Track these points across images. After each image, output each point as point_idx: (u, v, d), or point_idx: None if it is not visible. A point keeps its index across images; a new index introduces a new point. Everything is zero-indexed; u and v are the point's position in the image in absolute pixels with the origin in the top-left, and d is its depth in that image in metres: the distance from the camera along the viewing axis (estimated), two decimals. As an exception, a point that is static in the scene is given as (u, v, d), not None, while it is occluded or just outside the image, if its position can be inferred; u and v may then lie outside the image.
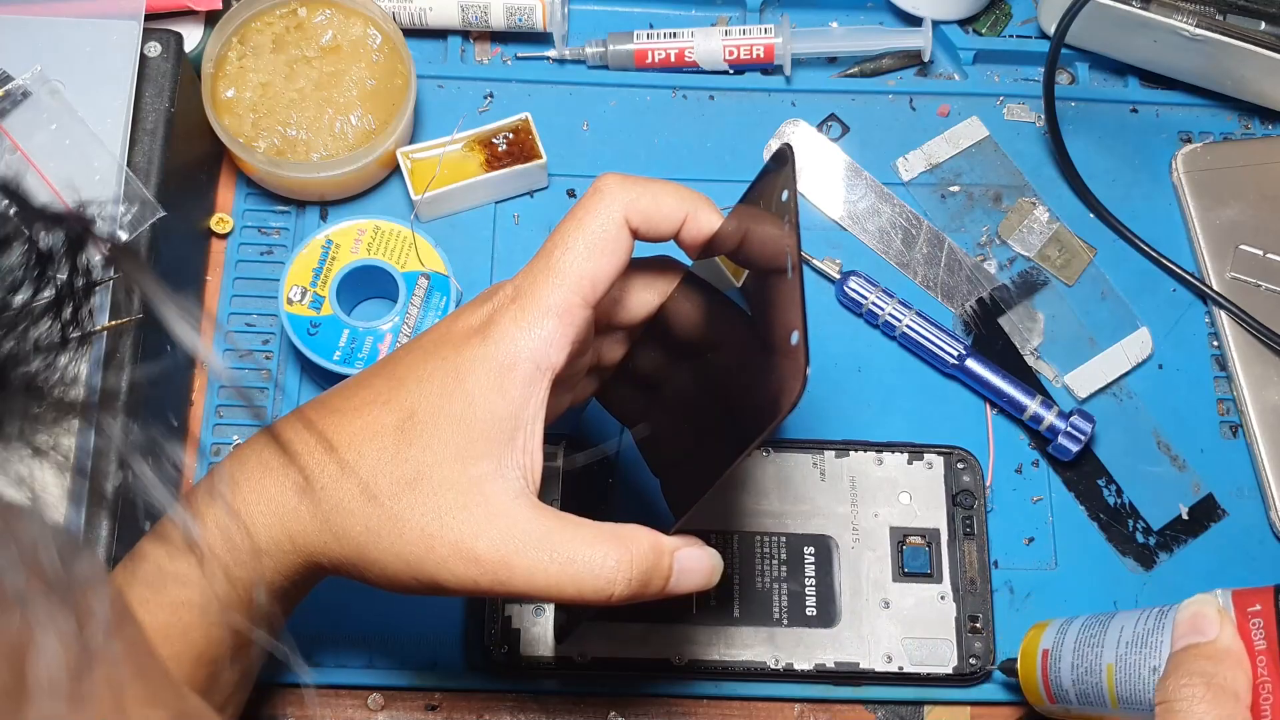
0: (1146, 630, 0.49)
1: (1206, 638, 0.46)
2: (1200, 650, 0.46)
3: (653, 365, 0.52)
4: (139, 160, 0.59)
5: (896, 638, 0.59)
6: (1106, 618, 0.52)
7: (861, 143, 0.70)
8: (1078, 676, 0.51)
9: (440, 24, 0.70)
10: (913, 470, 0.62)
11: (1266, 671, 0.44)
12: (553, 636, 0.58)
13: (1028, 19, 0.74)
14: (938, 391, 0.65)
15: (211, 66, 0.64)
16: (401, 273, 0.62)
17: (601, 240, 0.46)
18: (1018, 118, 0.71)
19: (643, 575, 0.44)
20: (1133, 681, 0.49)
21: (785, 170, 0.45)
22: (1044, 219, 0.69)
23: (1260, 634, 0.45)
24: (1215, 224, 0.68)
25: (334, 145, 0.64)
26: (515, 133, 0.66)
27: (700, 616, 0.59)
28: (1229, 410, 0.66)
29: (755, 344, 0.45)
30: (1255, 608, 0.46)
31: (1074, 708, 0.53)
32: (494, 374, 0.45)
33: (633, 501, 0.52)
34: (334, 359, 0.61)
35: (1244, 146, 0.70)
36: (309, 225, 0.66)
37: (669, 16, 0.73)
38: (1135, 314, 0.67)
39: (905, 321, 0.65)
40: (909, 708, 0.60)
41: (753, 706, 0.59)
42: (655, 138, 0.69)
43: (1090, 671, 0.51)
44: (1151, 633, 0.48)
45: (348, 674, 0.58)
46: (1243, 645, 0.45)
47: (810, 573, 0.60)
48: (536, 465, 0.45)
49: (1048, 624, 0.55)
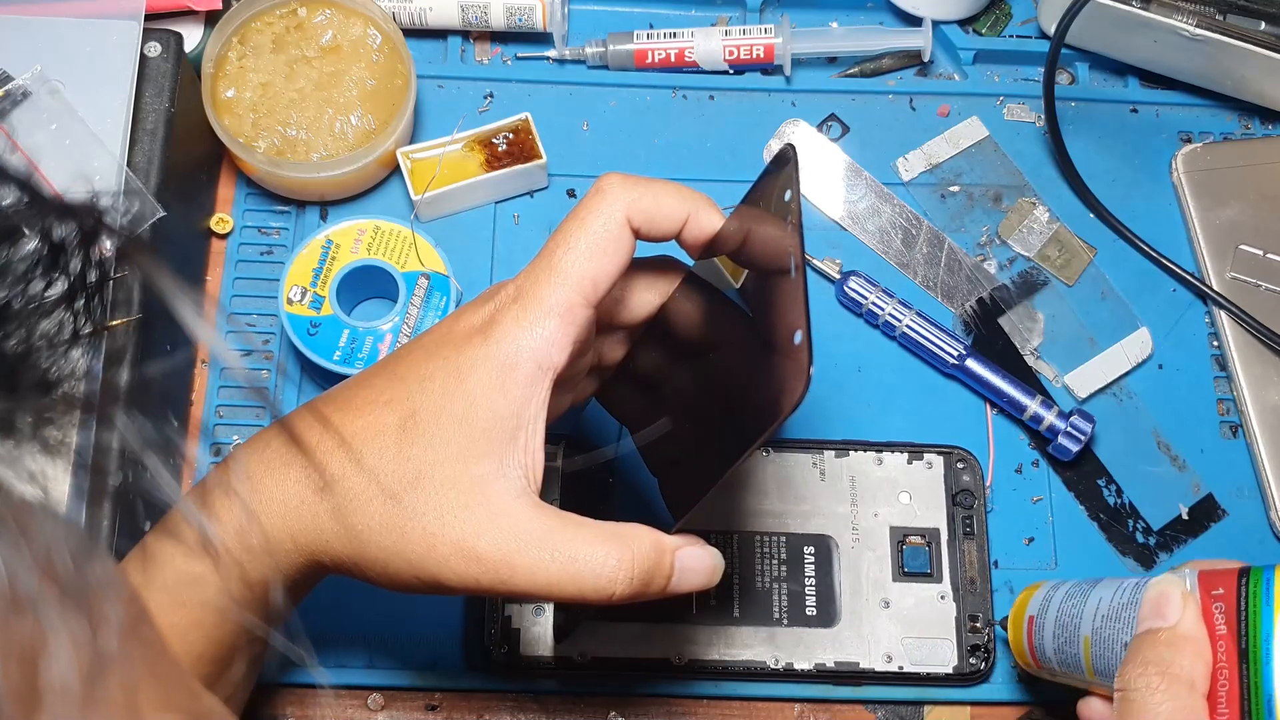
0: (1121, 605, 0.48)
1: (1167, 622, 0.45)
2: (1159, 637, 0.45)
3: (653, 365, 0.52)
4: (139, 160, 0.59)
5: (896, 637, 0.59)
6: (1088, 586, 0.51)
7: (861, 143, 0.70)
8: (1059, 646, 0.51)
9: (440, 24, 0.70)
10: (912, 470, 0.62)
11: (1225, 657, 0.44)
12: (552, 636, 0.58)
13: (1028, 19, 0.74)
14: (938, 391, 0.65)
15: (211, 66, 0.64)
16: (401, 273, 0.62)
17: (603, 240, 0.46)
18: (1018, 118, 0.71)
19: (644, 574, 0.44)
20: (1106, 656, 0.48)
21: (787, 170, 0.45)
22: (1044, 219, 0.69)
23: (1222, 618, 0.44)
24: (1215, 224, 0.68)
25: (334, 145, 0.64)
26: (515, 133, 0.66)
27: (700, 616, 0.59)
28: (1229, 410, 0.66)
29: (757, 344, 0.45)
30: (1219, 591, 0.45)
31: (1057, 673, 0.53)
32: (495, 373, 0.45)
33: (632, 501, 0.52)
34: (334, 359, 0.61)
35: (1244, 146, 0.70)
36: (309, 225, 0.66)
37: (669, 16, 0.73)
38: (1135, 314, 0.67)
39: (905, 321, 0.65)
40: (909, 708, 0.60)
41: (753, 706, 0.59)
42: (655, 138, 0.69)
43: (1070, 642, 0.51)
44: (1125, 607, 0.48)
45: (348, 674, 0.58)
46: (1204, 630, 0.44)
47: (810, 572, 0.60)
48: (538, 465, 0.45)
49: (1038, 587, 0.55)
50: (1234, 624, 0.44)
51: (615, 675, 0.59)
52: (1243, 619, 0.43)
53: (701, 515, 0.45)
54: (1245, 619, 0.43)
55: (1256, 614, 0.43)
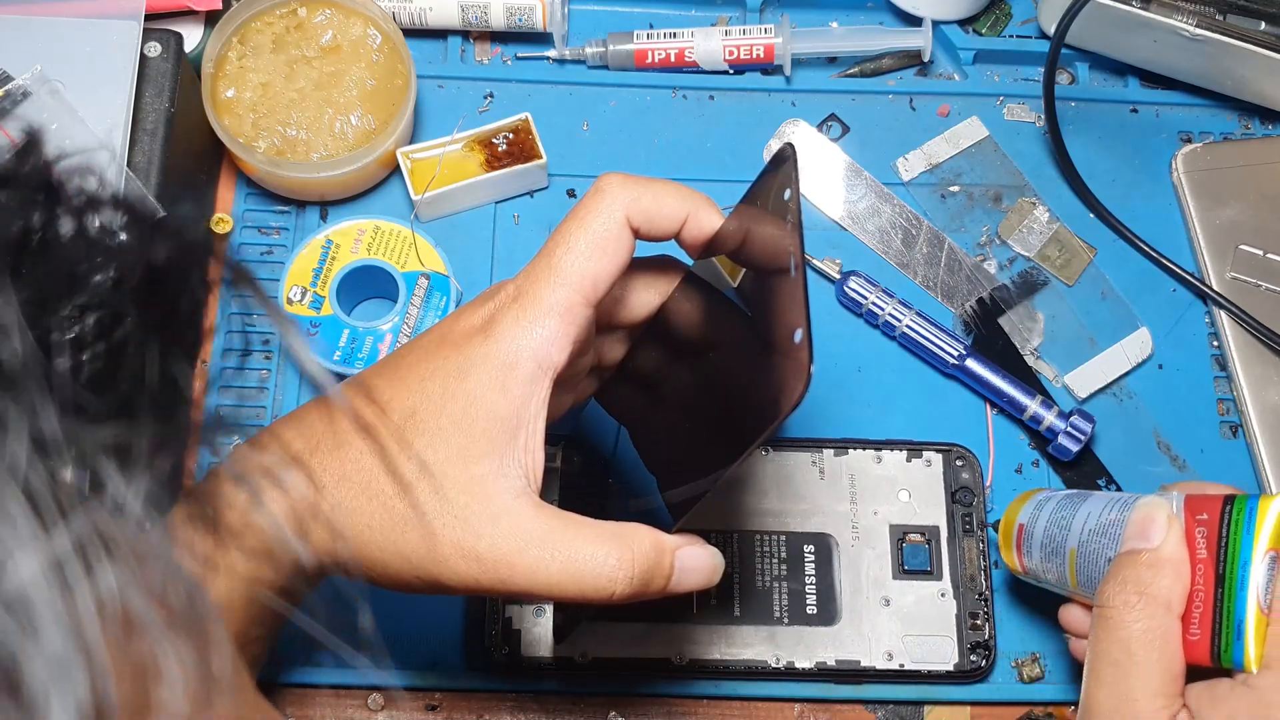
0: (1109, 521, 0.49)
1: (1151, 544, 0.46)
2: (1140, 558, 0.46)
3: (653, 365, 0.52)
4: (139, 160, 0.59)
5: (897, 635, 0.59)
6: (1079, 500, 0.53)
7: (861, 143, 0.70)
8: (1045, 555, 0.53)
9: (440, 24, 0.70)
10: (912, 468, 0.62)
11: (1203, 580, 0.45)
12: (552, 637, 0.58)
13: (1028, 19, 0.74)
14: (937, 391, 0.65)
15: (211, 66, 0.64)
16: (401, 273, 0.62)
17: (603, 240, 0.46)
18: (1018, 118, 0.71)
19: (644, 574, 0.44)
20: (1090, 570, 0.50)
21: (786, 169, 0.45)
22: (1044, 219, 0.69)
23: (1203, 542, 0.46)
24: (1215, 224, 0.68)
25: (334, 145, 0.64)
26: (515, 133, 0.66)
27: (700, 616, 0.59)
28: (1229, 410, 0.66)
29: (756, 344, 0.45)
30: (1203, 516, 0.46)
31: (1042, 580, 0.54)
32: (495, 373, 0.45)
33: (631, 502, 0.52)
34: (334, 359, 0.61)
35: (1244, 146, 0.70)
36: (309, 225, 0.66)
37: (669, 16, 0.73)
38: (1135, 314, 0.67)
39: (905, 321, 0.65)
40: (909, 708, 0.59)
41: (753, 707, 0.59)
42: (655, 138, 0.69)
43: (1056, 553, 0.52)
44: (1113, 524, 0.49)
45: (348, 674, 0.58)
46: (1185, 554, 0.46)
47: (810, 571, 0.60)
48: (538, 464, 0.45)
49: (1030, 495, 0.56)
50: (1214, 549, 0.45)
51: (615, 675, 0.59)
52: (1223, 545, 0.45)
53: (701, 515, 0.45)
54: (1225, 545, 0.45)
55: (1236, 540, 0.45)
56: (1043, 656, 0.60)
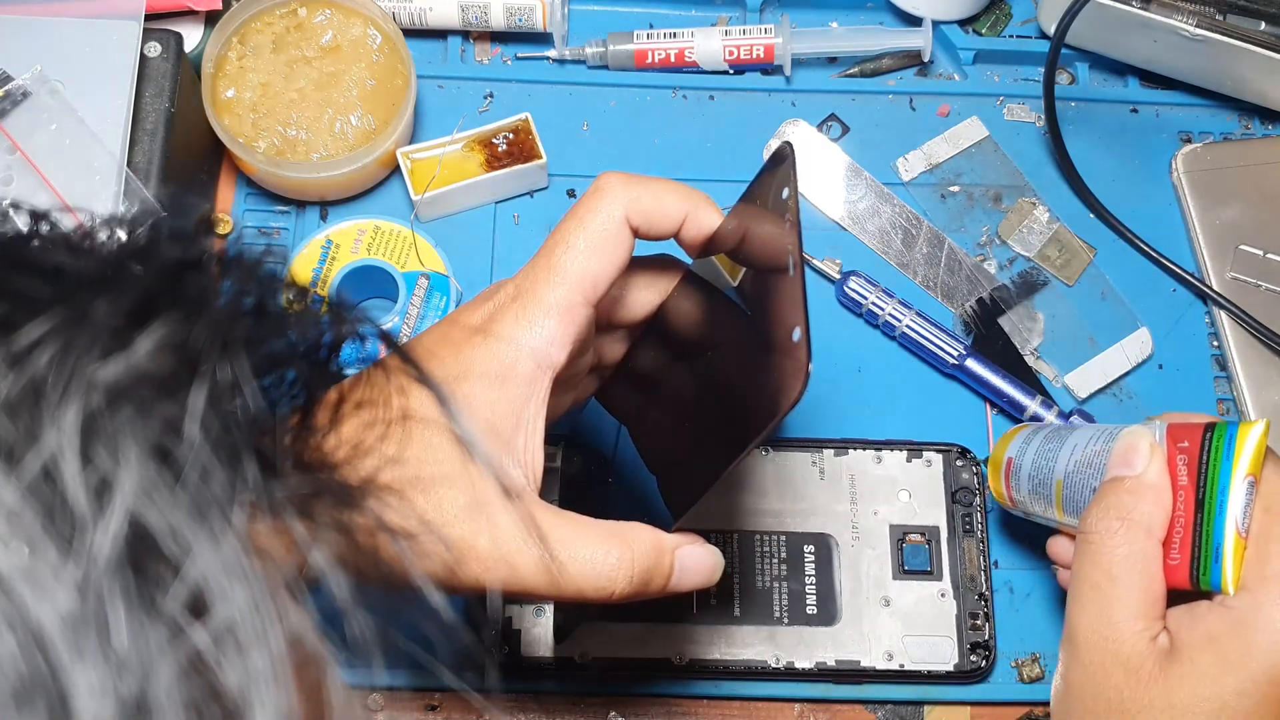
0: (1094, 452, 0.50)
1: (1134, 471, 0.47)
2: (1123, 485, 0.47)
3: (653, 364, 0.52)
4: (139, 160, 0.59)
5: (897, 635, 0.59)
6: (1066, 433, 0.54)
7: (861, 143, 0.70)
8: (1033, 487, 0.54)
9: (440, 24, 0.70)
10: (912, 468, 0.62)
11: (1183, 506, 0.46)
12: (552, 637, 0.58)
13: (1028, 19, 0.74)
14: (937, 391, 0.65)
15: (211, 66, 0.64)
16: (401, 273, 0.62)
17: (603, 239, 0.46)
18: (1018, 118, 0.71)
19: (644, 573, 0.44)
20: (1076, 500, 0.51)
21: (784, 168, 0.45)
22: (1044, 219, 0.69)
23: (1184, 469, 0.47)
24: (1215, 224, 0.68)
25: (334, 145, 0.64)
26: (515, 133, 0.66)
27: (700, 616, 0.59)
28: (1229, 410, 0.66)
29: (756, 342, 0.45)
30: (1184, 444, 0.47)
31: (1031, 512, 0.55)
32: (495, 373, 0.45)
33: (632, 501, 0.52)
34: (334, 359, 0.61)
35: (1244, 146, 0.70)
36: (309, 225, 0.66)
37: (669, 16, 0.73)
38: (1135, 314, 0.67)
39: (905, 321, 0.65)
40: (909, 708, 0.59)
41: (753, 706, 0.59)
42: (655, 138, 0.69)
43: (1043, 484, 0.53)
44: (1098, 455, 0.50)
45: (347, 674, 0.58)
46: (1167, 480, 0.47)
47: (810, 571, 0.60)
48: (538, 464, 0.45)
49: (1020, 429, 0.57)
50: (1195, 475, 0.46)
51: (615, 675, 0.59)
52: (1203, 471, 0.46)
53: (701, 514, 0.45)
54: (1205, 471, 0.46)
55: (1216, 467, 0.46)
56: (1043, 657, 0.60)
